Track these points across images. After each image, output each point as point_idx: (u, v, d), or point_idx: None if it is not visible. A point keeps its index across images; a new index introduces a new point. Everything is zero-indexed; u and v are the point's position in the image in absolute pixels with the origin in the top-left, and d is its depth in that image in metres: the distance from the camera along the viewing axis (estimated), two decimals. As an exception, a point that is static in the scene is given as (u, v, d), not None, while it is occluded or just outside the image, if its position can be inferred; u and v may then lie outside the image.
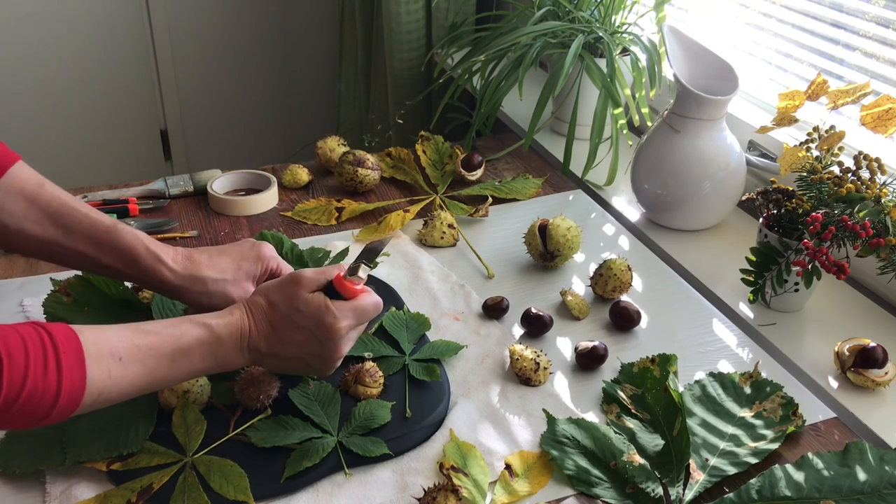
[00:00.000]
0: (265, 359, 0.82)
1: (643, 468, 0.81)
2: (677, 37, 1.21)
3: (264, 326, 0.80)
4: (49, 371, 0.66)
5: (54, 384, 0.66)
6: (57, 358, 0.67)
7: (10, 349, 0.65)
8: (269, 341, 0.80)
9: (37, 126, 2.52)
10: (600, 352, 0.96)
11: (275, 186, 1.29)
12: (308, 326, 0.80)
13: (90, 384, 0.69)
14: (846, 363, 0.94)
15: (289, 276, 0.83)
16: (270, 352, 0.81)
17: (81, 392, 0.68)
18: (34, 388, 0.65)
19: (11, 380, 0.64)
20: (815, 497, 0.77)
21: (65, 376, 0.67)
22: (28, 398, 0.65)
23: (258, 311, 0.81)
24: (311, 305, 0.80)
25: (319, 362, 0.83)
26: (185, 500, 0.77)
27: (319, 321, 0.80)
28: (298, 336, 0.80)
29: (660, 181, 1.22)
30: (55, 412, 0.67)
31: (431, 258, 1.16)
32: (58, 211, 0.86)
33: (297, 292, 0.81)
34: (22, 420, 0.67)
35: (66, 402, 0.67)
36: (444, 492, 0.76)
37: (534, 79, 1.72)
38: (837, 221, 0.94)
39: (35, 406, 0.66)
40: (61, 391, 0.67)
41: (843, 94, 1.03)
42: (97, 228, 0.87)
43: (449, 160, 1.38)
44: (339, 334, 0.80)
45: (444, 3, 1.91)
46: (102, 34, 2.49)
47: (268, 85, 2.75)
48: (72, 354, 0.68)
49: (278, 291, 0.82)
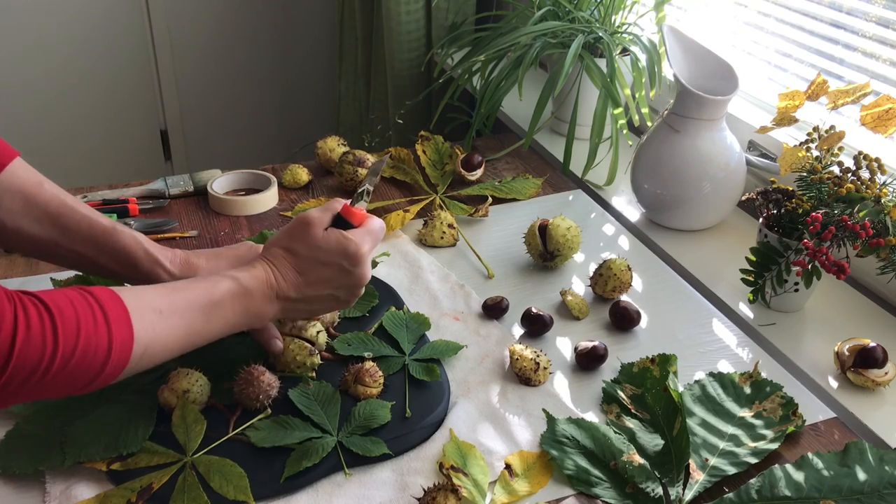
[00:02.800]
0: (295, 306, 0.85)
1: (643, 468, 0.81)
2: (677, 37, 1.21)
3: (291, 275, 0.83)
4: (98, 324, 0.67)
5: (105, 336, 0.67)
6: (103, 312, 0.68)
7: (59, 306, 0.66)
8: (298, 287, 0.84)
9: (37, 126, 2.52)
10: (600, 352, 0.96)
11: (275, 186, 1.29)
12: (334, 260, 0.84)
13: (137, 337, 0.70)
14: (846, 363, 0.94)
15: (297, 220, 0.86)
16: (300, 297, 0.84)
17: (130, 343, 0.69)
18: (87, 341, 0.66)
19: (66, 334, 0.65)
20: (815, 497, 0.77)
21: (114, 329, 0.68)
22: (83, 352, 0.66)
23: (280, 262, 0.84)
24: (330, 241, 0.84)
25: (347, 293, 0.87)
26: (185, 499, 0.77)
27: (345, 252, 0.84)
28: (326, 273, 0.84)
29: (660, 181, 1.22)
30: (108, 367, 0.68)
31: (431, 258, 1.16)
32: (57, 211, 0.86)
33: (312, 232, 0.84)
34: (78, 378, 0.67)
35: (117, 356, 0.68)
36: (443, 492, 0.76)
37: (534, 79, 1.72)
38: (837, 221, 0.94)
39: (90, 360, 0.67)
40: (112, 343, 0.68)
41: (843, 94, 1.03)
42: (96, 230, 0.87)
43: (449, 160, 1.38)
44: (364, 258, 0.85)
45: (444, 3, 1.91)
46: (102, 34, 2.49)
47: (268, 85, 2.75)
48: (116, 309, 0.69)
49: (293, 238, 0.85)
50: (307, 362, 0.91)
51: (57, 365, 0.64)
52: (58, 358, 0.64)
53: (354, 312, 1.01)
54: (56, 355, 0.64)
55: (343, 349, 0.95)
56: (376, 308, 1.03)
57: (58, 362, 0.64)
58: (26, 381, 0.64)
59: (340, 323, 1.00)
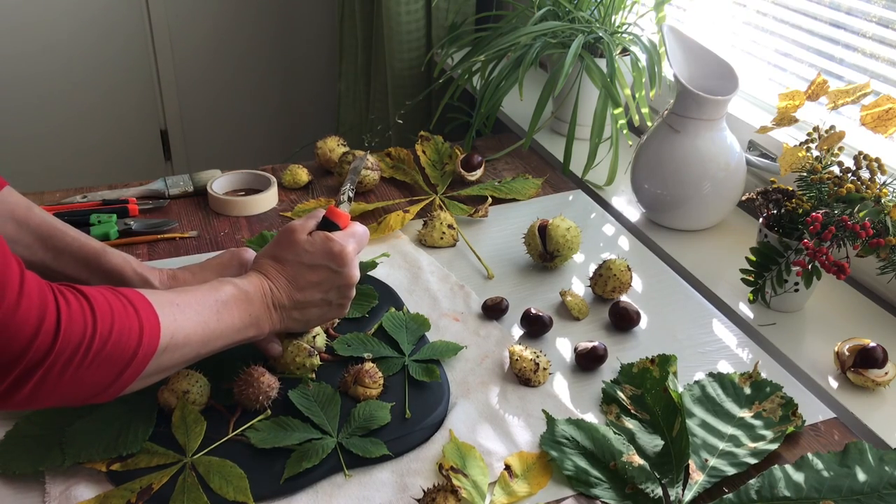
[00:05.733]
0: (290, 314, 0.86)
1: (642, 469, 0.81)
2: (677, 37, 1.21)
3: (282, 282, 0.85)
4: (128, 310, 0.70)
5: (136, 319, 0.70)
6: (130, 301, 0.71)
7: (92, 294, 0.69)
8: (290, 294, 0.85)
9: (37, 126, 2.52)
10: (600, 352, 0.96)
11: (275, 186, 1.29)
12: (321, 262, 0.86)
13: (163, 324, 0.72)
14: (846, 363, 0.94)
15: (281, 231, 0.88)
16: (294, 304, 0.86)
17: (158, 329, 0.72)
18: (121, 322, 0.69)
19: (102, 315, 0.68)
20: (815, 497, 0.77)
21: (142, 315, 0.71)
22: (119, 332, 0.68)
23: (271, 271, 0.86)
24: (315, 244, 0.86)
25: (338, 295, 0.88)
26: (185, 500, 0.77)
27: (329, 252, 0.86)
28: (314, 276, 0.86)
29: (660, 181, 1.22)
30: (141, 351, 0.70)
31: (431, 258, 1.16)
32: (47, 233, 0.88)
33: (296, 238, 0.86)
34: (113, 361, 0.69)
35: (148, 339, 0.71)
36: (443, 493, 0.76)
37: (534, 79, 1.72)
38: (837, 221, 0.94)
39: (124, 343, 0.69)
40: (143, 325, 0.70)
41: (843, 94, 1.03)
42: (86, 251, 0.90)
43: (449, 160, 1.38)
44: (350, 258, 0.87)
45: (444, 3, 1.91)
46: (102, 34, 2.49)
47: (268, 85, 2.75)
48: (141, 300, 0.72)
49: (279, 247, 0.87)
50: (307, 363, 0.91)
51: (97, 344, 0.67)
52: (97, 337, 0.67)
53: (354, 313, 1.01)
54: (95, 334, 0.67)
55: (343, 350, 0.95)
56: (376, 309, 1.03)
57: (97, 342, 0.67)
58: (70, 361, 0.66)
59: (340, 324, 1.00)
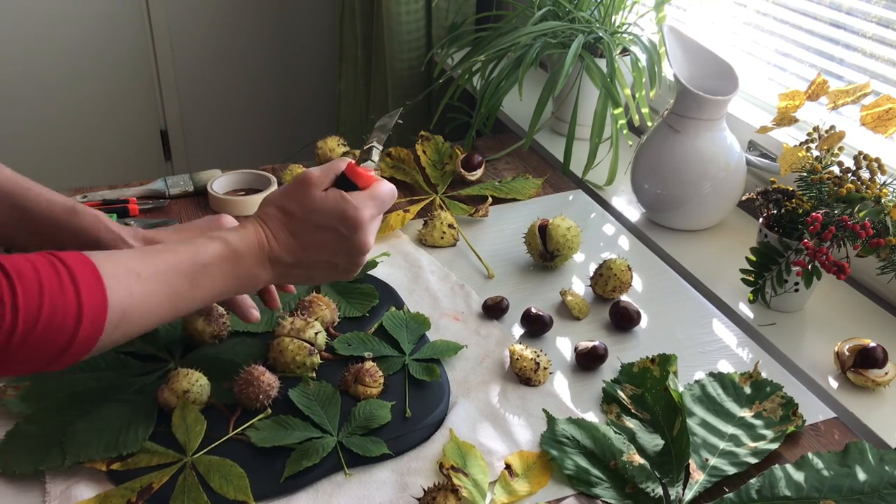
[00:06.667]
0: (291, 271, 0.80)
1: (643, 468, 0.81)
2: (677, 37, 1.21)
3: (283, 237, 0.78)
4: (65, 288, 0.62)
5: (73, 301, 0.62)
6: (71, 276, 0.63)
7: (18, 269, 0.61)
8: (292, 251, 0.78)
9: (36, 126, 2.52)
10: (600, 352, 0.96)
11: (275, 186, 1.29)
12: (330, 224, 0.78)
13: (111, 302, 0.65)
14: (846, 363, 0.94)
15: (297, 178, 0.80)
16: (295, 262, 0.79)
17: (104, 309, 0.64)
18: (53, 306, 0.61)
19: (27, 296, 0.60)
20: (815, 497, 0.77)
21: (83, 293, 0.63)
22: (49, 316, 0.61)
23: (273, 223, 0.78)
24: (328, 202, 0.77)
25: (346, 260, 0.80)
26: (185, 500, 0.77)
27: (342, 215, 0.77)
28: (321, 237, 0.78)
29: (660, 181, 1.22)
30: (80, 336, 0.63)
31: (431, 258, 1.16)
32: (14, 191, 0.84)
33: (310, 193, 0.78)
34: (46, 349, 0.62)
35: (89, 323, 0.63)
36: (443, 492, 0.76)
37: (534, 79, 1.72)
38: (837, 221, 0.94)
39: (57, 328, 0.61)
40: (82, 309, 0.62)
41: (843, 94, 1.03)
42: (56, 208, 0.85)
43: (449, 160, 1.38)
44: (363, 223, 0.78)
45: (444, 3, 1.91)
46: (102, 34, 2.49)
47: (268, 85, 2.75)
48: (86, 272, 0.64)
49: (290, 197, 0.79)
50: (307, 362, 0.90)
51: (20, 331, 0.60)
52: (20, 323, 0.59)
53: (354, 312, 1.01)
54: (17, 319, 0.59)
55: (343, 349, 0.95)
56: (376, 308, 1.03)
57: (21, 328, 0.60)
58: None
59: (340, 323, 1.00)
